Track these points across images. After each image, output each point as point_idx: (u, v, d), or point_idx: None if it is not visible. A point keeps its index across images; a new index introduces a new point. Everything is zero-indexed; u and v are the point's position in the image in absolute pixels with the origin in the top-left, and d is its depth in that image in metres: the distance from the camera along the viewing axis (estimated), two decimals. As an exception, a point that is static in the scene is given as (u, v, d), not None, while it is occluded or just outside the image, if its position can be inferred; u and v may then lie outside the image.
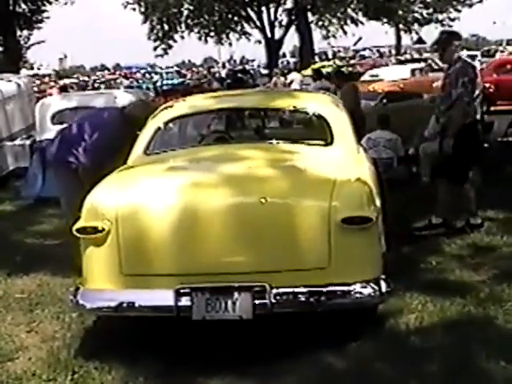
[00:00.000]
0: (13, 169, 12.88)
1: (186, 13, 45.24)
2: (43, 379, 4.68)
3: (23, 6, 38.52)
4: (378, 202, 5.17)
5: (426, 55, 43.62)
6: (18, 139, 13.38)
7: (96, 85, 41.27)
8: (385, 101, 14.03)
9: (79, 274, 5.13)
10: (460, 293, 5.65)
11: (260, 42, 46.44)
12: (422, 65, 29.13)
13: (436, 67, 29.42)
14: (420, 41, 55.43)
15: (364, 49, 63.19)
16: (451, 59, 7.25)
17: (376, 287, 4.72)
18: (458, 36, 7.50)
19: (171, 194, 4.88)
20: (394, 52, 57.04)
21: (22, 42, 39.80)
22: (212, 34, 46.69)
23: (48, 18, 40.53)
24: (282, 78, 26.24)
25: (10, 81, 14.86)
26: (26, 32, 40.06)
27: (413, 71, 25.72)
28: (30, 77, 20.63)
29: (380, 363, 4.60)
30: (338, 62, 46.42)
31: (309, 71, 27.20)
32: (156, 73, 49.73)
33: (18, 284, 6.73)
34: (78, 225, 4.92)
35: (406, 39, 57.19)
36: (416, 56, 44.63)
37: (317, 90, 14.47)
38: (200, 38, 46.40)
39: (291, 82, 26.08)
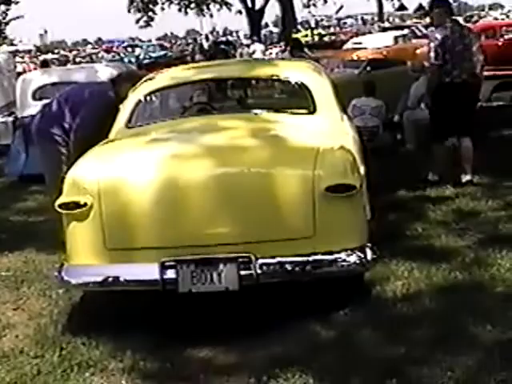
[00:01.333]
0: (-5, 146, 12.77)
1: (165, -16, 44.86)
2: (31, 356, 4.65)
3: (-2, -21, 38.05)
4: (361, 170, 5.16)
5: (408, 22, 43.47)
6: (0, 116, 13.25)
7: (77, 60, 40.89)
8: (368, 68, 13.97)
9: (64, 250, 5.11)
10: (446, 259, 5.67)
11: (241, 12, 46.13)
12: (406, 32, 29.02)
13: (419, 34, 29.36)
14: (402, 7, 55.25)
15: (347, 17, 62.89)
16: (438, 24, 7.84)
17: (362, 255, 4.72)
18: (442, 2, 7.98)
19: (154, 167, 4.85)
20: (376, 19, 56.80)
21: (0, 18, 39.34)
22: (192, 5, 46.33)
23: (26, -9, 40.06)
24: (246, 49, 26.48)
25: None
26: (3, 7, 39.59)
27: (396, 38, 25.63)
28: (10, 53, 20.36)
29: (367, 331, 4.60)
30: (320, 30, 46.18)
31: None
32: (137, 46, 49.28)
33: (3, 262, 6.70)
34: (60, 200, 4.87)
35: (388, 6, 56.98)
36: (398, 23, 44.47)
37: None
38: (180, 10, 46.04)
39: (253, 52, 26.30)
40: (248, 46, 29.82)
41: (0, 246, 7.08)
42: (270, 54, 29.32)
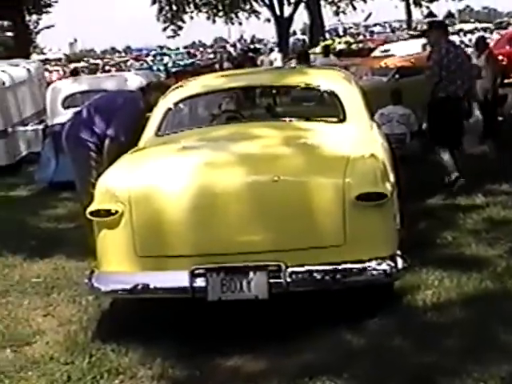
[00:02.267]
0: (25, 154, 12.91)
1: (194, -8, 44.96)
2: (61, 362, 4.68)
3: (31, -10, 38.28)
4: (392, 178, 5.13)
5: (437, 29, 43.11)
6: (30, 124, 13.39)
7: (106, 68, 41.15)
8: (397, 76, 13.93)
9: (94, 257, 5.14)
10: (476, 268, 5.62)
11: (269, 20, 46.13)
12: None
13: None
14: (431, 14, 54.88)
15: (375, 24, 62.66)
16: (435, 43, 8.51)
17: (392, 264, 4.70)
18: (440, 24, 9.45)
19: (184, 175, 4.86)
20: (404, 27, 56.51)
21: (31, 27, 39.69)
22: (220, 13, 46.43)
23: (56, 1, 40.37)
24: (269, 57, 26.72)
25: (19, 66, 14.86)
26: (35, 17, 39.97)
27: (424, 46, 25.45)
28: (40, 62, 20.58)
29: (398, 340, 4.58)
30: (349, 38, 46.06)
31: (318, 49, 27.17)
32: (165, 54, 49.50)
33: (33, 268, 6.74)
34: (91, 208, 4.91)
35: (417, 13, 56.63)
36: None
37: (322, 65, 14.39)
38: (208, 18, 46.14)
39: (275, 59, 26.54)
40: (269, 53, 29.97)
41: (30, 253, 7.12)
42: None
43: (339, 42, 40.83)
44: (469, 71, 8.49)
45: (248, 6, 46.78)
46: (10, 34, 38.92)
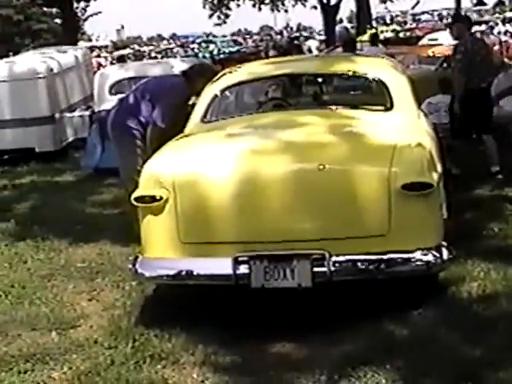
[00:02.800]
0: (72, 140, 13.03)
1: (240, -20, 44.86)
2: (105, 347, 4.72)
3: (78, -23, 38.62)
4: (438, 168, 5.06)
5: (486, 17, 42.58)
6: (77, 110, 13.51)
7: (153, 55, 41.38)
8: (445, 65, 13.72)
9: (138, 243, 5.16)
10: (524, 260, 5.53)
11: (316, 7, 45.84)
12: (483, 27, 28.38)
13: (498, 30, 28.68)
14: (480, 2, 53.98)
15: (422, 12, 61.91)
16: (458, 36, 8.61)
17: (437, 254, 4.65)
18: (463, 17, 9.63)
19: (229, 162, 4.85)
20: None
21: (79, 14, 40.06)
22: (266, 0, 46.30)
23: (104, -12, 40.76)
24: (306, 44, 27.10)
25: (67, 53, 15.00)
26: (82, 4, 40.34)
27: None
28: (87, 48, 20.76)
29: (442, 332, 4.52)
30: (395, 26, 45.61)
31: (366, 37, 26.91)
32: (211, 41, 49.58)
33: (78, 253, 6.81)
34: (136, 194, 4.93)
35: (466, 1, 55.76)
36: (476, 18, 43.51)
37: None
38: (254, 5, 46.03)
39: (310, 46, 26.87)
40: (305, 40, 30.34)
41: (75, 238, 7.19)
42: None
43: (381, 31, 40.40)
44: (492, 62, 8.81)
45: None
46: (58, 21, 39.36)
